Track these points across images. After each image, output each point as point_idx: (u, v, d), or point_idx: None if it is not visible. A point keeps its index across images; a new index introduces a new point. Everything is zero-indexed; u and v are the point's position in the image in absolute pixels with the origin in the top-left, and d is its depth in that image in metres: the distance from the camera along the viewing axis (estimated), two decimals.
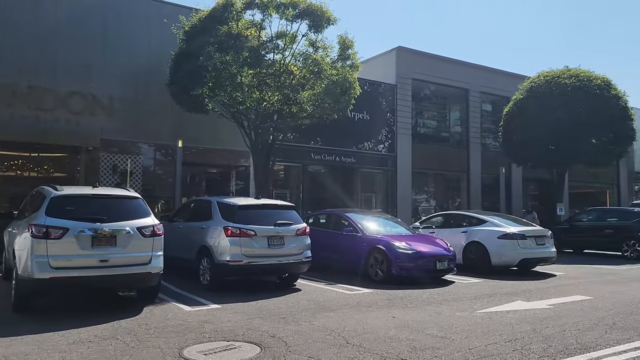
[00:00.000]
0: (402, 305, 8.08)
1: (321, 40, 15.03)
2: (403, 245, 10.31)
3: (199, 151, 16.70)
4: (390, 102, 21.54)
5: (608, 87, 20.42)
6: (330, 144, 19.70)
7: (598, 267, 13.90)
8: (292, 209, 9.97)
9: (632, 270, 13.40)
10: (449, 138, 24.49)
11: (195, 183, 18.01)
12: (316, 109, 14.45)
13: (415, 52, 22.65)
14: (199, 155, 17.07)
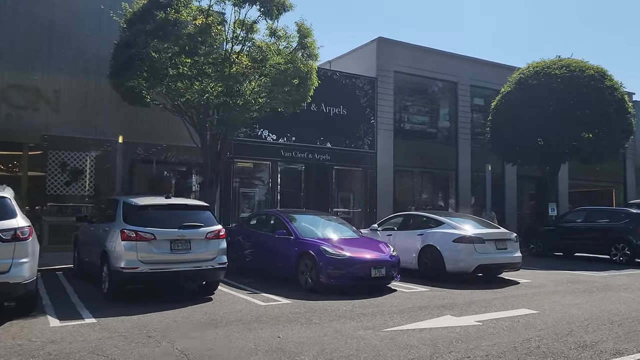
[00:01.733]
0: (306, 321, 7.02)
1: (282, 29, 14.14)
2: (334, 250, 9.23)
3: (160, 148, 15.84)
4: (370, 97, 20.39)
5: (602, 78, 18.98)
6: (303, 140, 18.67)
7: (575, 274, 12.63)
8: (205, 210, 8.97)
9: (610, 277, 12.09)
10: (436, 134, 23.20)
11: (162, 182, 17.14)
12: (269, 101, 13.47)
13: (397, 43, 21.45)
14: (158, 153, 16.23)
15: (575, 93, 18.49)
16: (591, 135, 18.94)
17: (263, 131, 17.85)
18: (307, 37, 14.01)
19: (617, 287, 10.54)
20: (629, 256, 14.93)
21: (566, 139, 18.75)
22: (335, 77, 19.83)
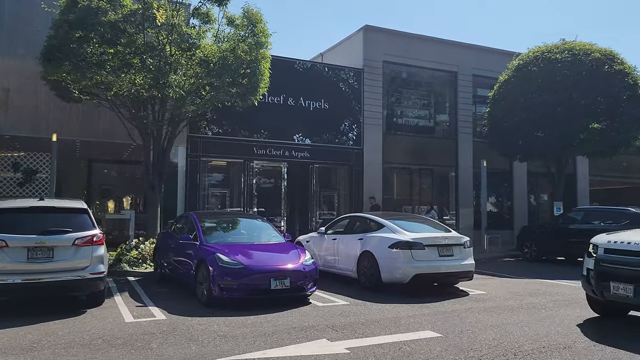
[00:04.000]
0: (143, 346, 5.94)
1: (240, 17, 13.14)
2: (229, 259, 8.09)
3: (101, 146, 15.15)
4: (356, 89, 19.06)
5: (611, 61, 16.93)
6: (279, 137, 17.59)
7: (550, 284, 11.00)
8: (81, 213, 8.02)
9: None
10: (433, 128, 21.56)
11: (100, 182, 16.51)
12: (215, 94, 12.48)
13: (386, 31, 19.99)
14: (98, 151, 15.57)
15: (578, 79, 16.57)
16: (598, 125, 16.92)
17: (233, 128, 16.89)
18: (258, 23, 12.95)
19: (581, 302, 8.89)
20: None
21: (569, 131, 16.81)
22: (315, 68, 18.64)
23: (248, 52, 12.24)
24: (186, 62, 11.46)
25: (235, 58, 12.04)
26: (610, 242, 6.83)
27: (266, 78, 13.26)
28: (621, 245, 6.63)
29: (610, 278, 6.52)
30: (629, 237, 6.80)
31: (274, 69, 17.36)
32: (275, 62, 17.58)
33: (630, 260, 6.39)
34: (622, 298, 6.41)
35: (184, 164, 16.17)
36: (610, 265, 6.59)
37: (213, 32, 13.37)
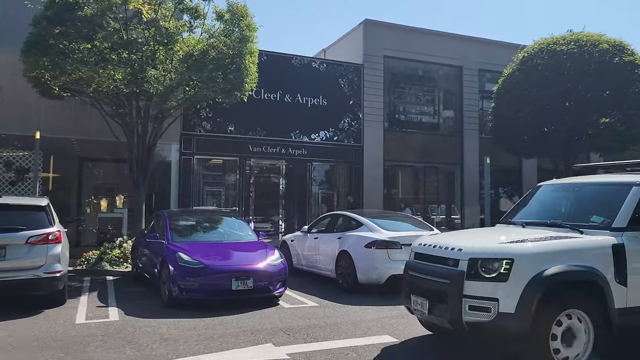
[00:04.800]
0: (66, 350, 5.68)
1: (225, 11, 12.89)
2: (189, 258, 7.80)
3: (86, 144, 15.03)
4: (356, 85, 18.61)
5: (620, 53, 16.13)
6: (275, 134, 17.26)
7: None
8: (39, 210, 7.81)
9: None
10: (437, 125, 20.96)
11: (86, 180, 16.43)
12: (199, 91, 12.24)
13: (387, 25, 19.48)
14: (83, 149, 15.46)
15: (585, 72, 15.83)
16: (607, 120, 16.15)
17: (228, 125, 16.64)
18: (243, 17, 12.65)
19: None
20: None
21: (576, 127, 16.10)
22: (313, 64, 18.26)
23: (231, 47, 11.93)
24: (165, 57, 11.20)
25: (217, 53, 11.74)
26: (420, 246, 5.72)
27: (253, 73, 12.93)
28: (427, 249, 5.51)
29: (412, 290, 5.51)
30: (444, 239, 5.63)
31: (270, 65, 17.21)
32: (271, 58, 17.43)
33: (427, 267, 5.32)
34: (420, 314, 5.49)
35: (177, 162, 15.98)
36: (413, 274, 5.55)
37: (204, 28, 13.17)
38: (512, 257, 4.60)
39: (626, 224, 4.98)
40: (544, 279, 4.49)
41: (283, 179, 18.09)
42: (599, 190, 5.76)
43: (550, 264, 4.57)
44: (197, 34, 13.14)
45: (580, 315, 4.70)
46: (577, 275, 4.68)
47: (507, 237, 5.15)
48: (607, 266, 4.78)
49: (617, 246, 4.85)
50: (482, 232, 6.73)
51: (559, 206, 6.05)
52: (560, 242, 4.88)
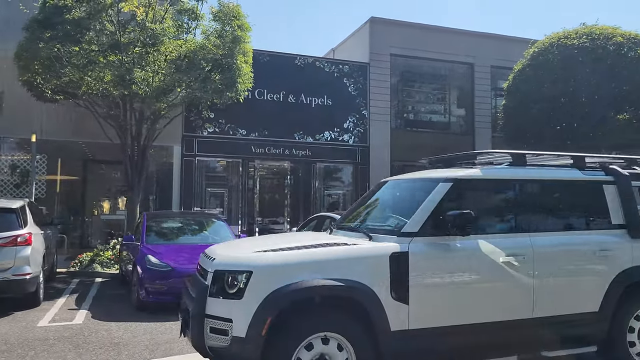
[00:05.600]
0: None
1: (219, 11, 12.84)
2: (157, 260, 7.70)
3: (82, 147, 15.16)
4: (362, 84, 18.31)
5: (636, 46, 15.37)
6: (278, 135, 17.10)
7: None
8: (9, 212, 7.82)
9: None
10: (448, 124, 20.42)
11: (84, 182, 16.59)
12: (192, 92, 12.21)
13: (393, 23, 19.09)
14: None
15: (597, 66, 15.13)
16: (624, 116, 15.41)
17: (230, 126, 16.58)
18: (235, 17, 12.56)
19: None
20: None
21: (587, 124, 15.39)
22: (317, 64, 18.04)
23: (221, 47, 11.84)
24: (152, 58, 11.17)
25: (205, 53, 11.66)
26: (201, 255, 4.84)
27: (246, 73, 12.84)
28: (201, 258, 4.72)
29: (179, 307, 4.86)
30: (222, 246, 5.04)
31: (273, 66, 17.11)
32: (274, 59, 17.32)
33: (193, 280, 4.63)
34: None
35: (179, 164, 15.99)
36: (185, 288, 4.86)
37: (202, 29, 13.17)
38: (250, 269, 3.78)
39: (418, 228, 4.12)
40: (283, 296, 3.68)
41: (287, 180, 17.93)
42: (411, 188, 4.98)
43: (297, 277, 3.73)
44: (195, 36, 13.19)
45: (339, 339, 3.83)
46: (329, 290, 3.78)
47: (270, 245, 4.23)
48: (380, 279, 3.90)
49: (398, 255, 3.97)
50: (269, 238, 5.64)
51: (383, 206, 5.19)
52: (316, 251, 4.00)
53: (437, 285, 4.10)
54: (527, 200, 4.66)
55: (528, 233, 4.47)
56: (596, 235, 4.74)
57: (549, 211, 4.80)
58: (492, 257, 4.22)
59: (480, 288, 4.21)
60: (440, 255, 4.14)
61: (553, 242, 4.53)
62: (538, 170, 4.87)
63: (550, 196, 4.84)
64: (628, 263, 4.68)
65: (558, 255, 4.53)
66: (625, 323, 4.68)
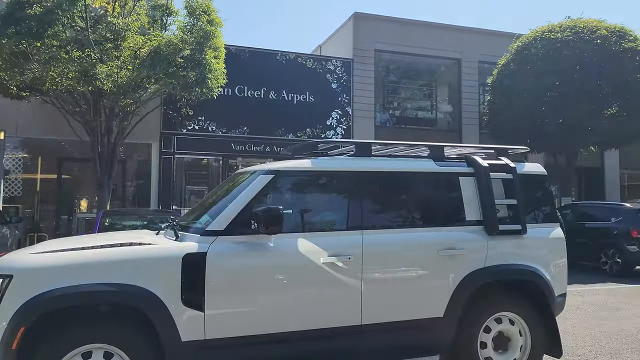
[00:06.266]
0: None
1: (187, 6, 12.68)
2: None
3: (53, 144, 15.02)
4: (345, 81, 18.09)
5: (620, 39, 15.04)
6: (259, 132, 16.93)
7: None
8: None
9: None
10: (434, 120, 20.16)
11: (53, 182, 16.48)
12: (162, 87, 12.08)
13: (378, 18, 18.86)
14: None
15: (581, 60, 14.83)
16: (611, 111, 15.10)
17: (210, 123, 16.43)
18: (206, 12, 12.40)
19: None
20: (620, 265, 11.40)
21: (572, 120, 15.08)
22: (299, 60, 17.82)
23: (187, 42, 11.67)
24: (117, 53, 11.01)
25: (172, 49, 11.49)
26: None
27: (217, 69, 12.66)
28: None
29: None
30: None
31: (254, 62, 16.94)
32: (254, 55, 17.15)
33: None
34: None
35: (157, 162, 15.86)
36: None
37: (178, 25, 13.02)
38: (11, 273, 3.34)
39: (225, 226, 3.69)
40: (40, 304, 3.22)
41: None
42: (239, 181, 4.33)
43: (63, 282, 3.28)
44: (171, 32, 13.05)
45: (115, 352, 3.39)
46: (98, 297, 3.37)
47: (72, 245, 3.80)
48: (168, 284, 3.46)
49: (193, 257, 3.53)
50: (91, 238, 4.83)
51: (215, 201, 4.46)
52: (97, 252, 3.55)
53: (241, 291, 3.64)
54: (362, 194, 4.06)
55: (361, 230, 3.96)
56: (444, 233, 4.21)
57: (389, 206, 4.27)
58: (311, 258, 3.75)
59: (294, 292, 3.75)
60: (248, 257, 3.71)
61: (389, 241, 4.04)
62: (380, 162, 4.32)
63: (392, 189, 4.27)
64: (480, 262, 4.20)
65: (393, 255, 4.04)
66: (475, 328, 4.19)
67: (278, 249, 3.75)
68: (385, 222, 4.16)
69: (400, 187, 4.30)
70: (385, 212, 4.23)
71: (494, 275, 4.24)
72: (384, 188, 4.25)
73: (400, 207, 4.32)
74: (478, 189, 4.38)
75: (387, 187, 4.26)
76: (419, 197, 4.38)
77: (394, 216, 4.27)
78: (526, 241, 4.41)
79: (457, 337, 4.12)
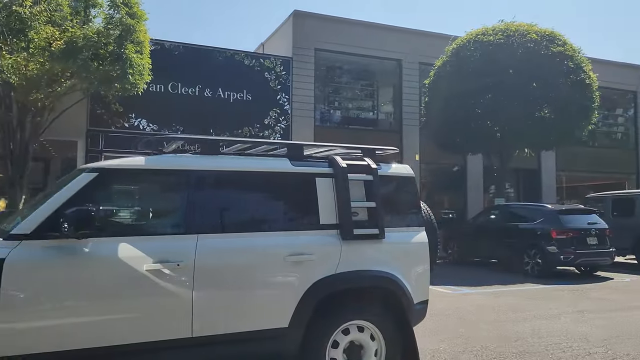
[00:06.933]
0: None
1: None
2: None
3: None
4: (284, 79, 17.83)
5: (550, 43, 15.30)
6: (194, 131, 16.33)
7: None
8: None
9: None
10: (375, 121, 20.16)
11: None
12: (79, 82, 11.55)
13: (319, 17, 18.68)
14: None
15: (512, 64, 15.00)
16: (544, 114, 15.34)
17: (140, 120, 15.90)
18: (126, 5, 11.91)
19: None
20: (541, 266, 11.53)
21: (504, 121, 15.26)
22: (236, 57, 17.47)
23: (104, 35, 11.18)
24: (24, 45, 10.42)
25: (87, 41, 10.97)
26: None
27: (139, 64, 12.17)
28: None
29: None
30: None
31: (188, 58, 16.48)
32: (189, 51, 16.70)
33: None
34: None
35: (84, 160, 15.23)
36: None
37: (103, 18, 12.48)
38: None
39: (33, 229, 3.30)
40: None
41: None
42: (66, 180, 3.87)
43: None
44: (96, 24, 12.50)
45: None
46: None
47: None
48: None
49: None
50: None
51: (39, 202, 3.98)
52: None
53: (46, 302, 3.27)
54: (200, 195, 3.76)
55: (197, 235, 3.66)
56: (293, 237, 3.93)
57: (233, 208, 3.95)
58: (132, 265, 3.43)
59: (112, 303, 3.42)
60: (55, 264, 3.32)
61: (228, 246, 3.74)
62: (225, 160, 3.99)
63: (238, 190, 3.98)
64: (331, 269, 3.96)
65: (231, 261, 3.75)
66: (324, 339, 3.93)
67: (93, 255, 3.41)
68: (226, 226, 3.86)
69: (246, 187, 4.01)
70: (228, 215, 3.92)
71: (345, 282, 4.03)
72: (227, 189, 3.95)
73: (245, 209, 4.02)
74: (335, 191, 4.16)
75: (231, 187, 3.96)
76: (268, 199, 4.11)
77: (237, 219, 3.97)
78: (384, 246, 4.22)
79: (304, 348, 3.88)
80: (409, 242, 4.39)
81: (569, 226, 11.43)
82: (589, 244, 11.39)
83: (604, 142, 24.43)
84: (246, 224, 3.96)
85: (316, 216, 4.07)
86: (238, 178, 3.96)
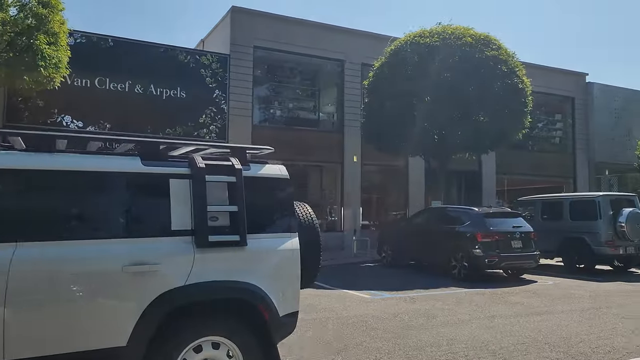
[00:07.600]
0: None
1: None
2: None
3: None
4: (221, 77, 17.31)
5: (485, 47, 15.37)
6: (122, 128, 15.64)
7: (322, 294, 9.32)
8: None
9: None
10: (317, 121, 19.90)
11: None
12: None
13: (259, 14, 18.25)
14: None
15: (447, 67, 14.98)
16: (482, 118, 15.39)
17: (64, 117, 15.08)
18: None
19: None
20: (467, 270, 11.45)
21: (439, 124, 15.24)
22: (170, 53, 16.84)
23: (8, 23, 10.43)
24: None
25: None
26: None
27: (52, 56, 11.44)
28: None
29: None
30: None
31: (118, 52, 15.76)
32: (119, 45, 15.96)
33: None
34: None
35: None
36: None
37: (14, 5, 11.67)
38: None
39: None
40: None
41: None
42: None
43: None
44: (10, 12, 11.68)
45: None
46: None
47: None
48: None
49: None
50: None
51: None
52: None
53: None
54: (21, 197, 3.37)
55: (15, 243, 3.23)
56: (135, 245, 3.53)
57: (62, 213, 3.50)
58: None
59: None
60: None
61: (53, 255, 3.31)
62: (56, 158, 3.49)
63: (70, 193, 3.53)
64: (181, 280, 3.58)
65: (56, 272, 3.33)
66: (169, 357, 3.55)
67: None
68: (53, 233, 3.40)
69: (82, 190, 3.58)
70: (56, 220, 3.47)
71: (197, 294, 3.64)
72: (57, 191, 3.51)
73: (78, 213, 3.58)
74: (192, 194, 3.77)
75: (62, 189, 3.52)
76: (109, 203, 3.68)
77: (68, 225, 3.52)
78: (247, 254, 3.86)
79: None
80: (277, 249, 4.03)
81: (494, 229, 11.40)
82: (514, 247, 11.39)
83: (544, 147, 24.99)
84: (79, 230, 3.53)
85: (167, 221, 3.67)
86: (72, 179, 3.52)
